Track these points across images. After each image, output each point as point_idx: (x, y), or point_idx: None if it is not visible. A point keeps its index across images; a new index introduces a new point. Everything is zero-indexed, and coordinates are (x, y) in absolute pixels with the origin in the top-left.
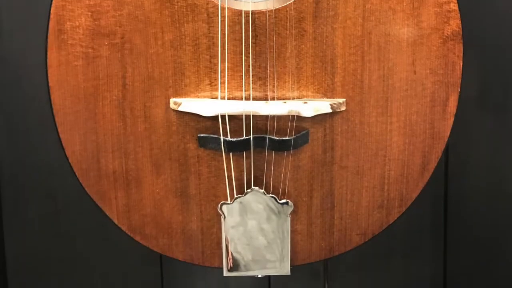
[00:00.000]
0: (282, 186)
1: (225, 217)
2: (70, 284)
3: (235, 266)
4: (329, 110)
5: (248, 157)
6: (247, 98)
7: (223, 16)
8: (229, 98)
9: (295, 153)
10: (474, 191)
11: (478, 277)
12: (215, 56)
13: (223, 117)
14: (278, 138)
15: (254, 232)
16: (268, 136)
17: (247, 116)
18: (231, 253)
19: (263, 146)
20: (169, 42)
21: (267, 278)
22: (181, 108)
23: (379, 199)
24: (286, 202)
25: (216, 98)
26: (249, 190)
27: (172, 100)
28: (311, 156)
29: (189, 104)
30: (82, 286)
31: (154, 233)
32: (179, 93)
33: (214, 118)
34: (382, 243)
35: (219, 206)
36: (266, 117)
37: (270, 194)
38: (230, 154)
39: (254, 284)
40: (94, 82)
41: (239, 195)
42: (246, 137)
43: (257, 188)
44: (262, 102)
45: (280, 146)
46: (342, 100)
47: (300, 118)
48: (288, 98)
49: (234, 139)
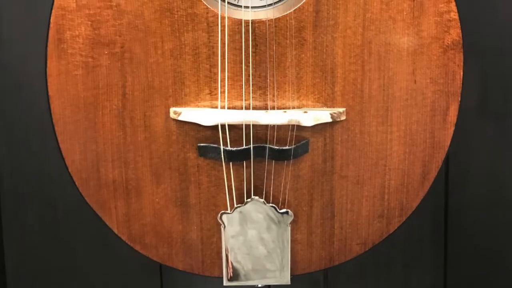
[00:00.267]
0: (282, 196)
1: (225, 226)
2: None
3: (235, 275)
4: (329, 119)
5: (248, 166)
6: (247, 108)
7: (223, 25)
8: (229, 108)
9: (295, 162)
10: (475, 201)
11: (478, 286)
12: (215, 65)
13: (223, 126)
14: (278, 147)
15: (254, 241)
16: (268, 145)
17: (247, 125)
18: (231, 262)
19: (263, 156)
20: (169, 52)
21: None
22: (181, 117)
23: (379, 209)
24: (286, 212)
25: (216, 107)
26: (249, 200)
27: (172, 109)
28: (311, 165)
29: (189, 113)
30: None
31: (154, 242)
32: (179, 102)
33: (214, 127)
34: (382, 253)
35: (219, 215)
36: (266, 126)
37: (270, 204)
38: (230, 163)
39: None
40: (94, 92)
41: (239, 205)
42: (246, 146)
43: (257, 197)
44: (262, 112)
45: (280, 156)
46: (342, 109)
47: (300, 128)
48: (288, 108)
49: (234, 149)
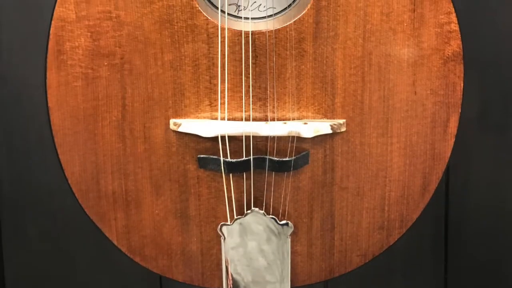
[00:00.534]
0: (282, 207)
1: (225, 238)
2: None
3: (235, 287)
4: (329, 131)
5: (248, 178)
6: (247, 119)
7: (223, 36)
8: (229, 119)
9: (295, 174)
10: (475, 212)
11: None
12: (215, 76)
13: (223, 138)
14: (278, 159)
15: (254, 253)
16: (268, 157)
17: (247, 137)
18: (231, 274)
19: (263, 167)
20: (168, 63)
21: None
22: (181, 129)
23: (380, 220)
24: (286, 223)
25: (216, 118)
26: (249, 211)
27: (172, 121)
28: (311, 177)
29: (189, 125)
30: None
31: (154, 254)
32: (179, 113)
33: (214, 139)
34: (382, 264)
35: (219, 227)
36: (266, 138)
37: (270, 215)
38: (230, 175)
39: None
40: (93, 103)
41: (239, 216)
42: (246, 158)
43: (257, 209)
44: (262, 123)
45: (280, 167)
46: (342, 121)
47: (300, 139)
48: (288, 119)
49: (234, 160)
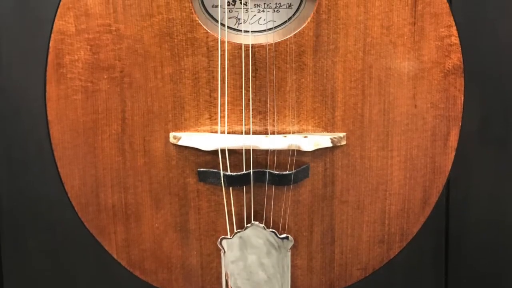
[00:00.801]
0: (282, 221)
1: (225, 251)
2: None
3: None
4: (329, 144)
5: (248, 191)
6: (247, 132)
7: (223, 50)
8: (229, 132)
9: (295, 187)
10: (476, 226)
11: None
12: (215, 90)
13: (223, 151)
14: (278, 172)
15: (254, 267)
16: (268, 170)
17: (247, 150)
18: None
19: (263, 181)
20: (168, 76)
21: None
22: (180, 142)
23: (380, 234)
24: (286, 237)
25: (216, 132)
26: (249, 225)
27: (171, 134)
28: (312, 190)
29: (188, 138)
30: None
31: (154, 268)
32: (179, 127)
33: (214, 152)
34: (383, 278)
35: (219, 240)
36: (266, 151)
37: (270, 229)
38: (230, 188)
39: None
40: (93, 116)
41: (239, 230)
42: (246, 171)
43: (257, 222)
44: (262, 136)
45: (280, 181)
46: (342, 134)
47: (300, 152)
48: (288, 132)
49: (234, 174)
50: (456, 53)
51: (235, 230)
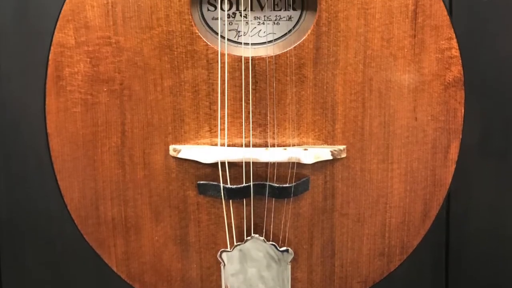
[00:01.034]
0: (282, 234)
1: (225, 264)
2: None
3: None
4: (329, 157)
5: (248, 204)
6: (247, 145)
7: (223, 62)
8: (229, 145)
9: (296, 200)
10: (476, 238)
11: None
12: (215, 102)
13: (223, 164)
14: (278, 185)
15: (254, 280)
16: (268, 183)
17: (247, 163)
18: None
19: (263, 193)
20: (168, 89)
21: None
22: (180, 155)
23: (380, 247)
24: (286, 250)
25: (216, 145)
26: (249, 238)
27: (171, 147)
28: (312, 203)
29: (188, 151)
30: None
31: (154, 280)
32: (179, 139)
33: (214, 165)
34: None
35: (219, 253)
36: (266, 164)
37: (270, 242)
38: (230, 201)
39: None
40: (93, 129)
41: (239, 243)
42: (246, 184)
43: (257, 235)
44: (262, 149)
45: (280, 193)
46: (342, 147)
47: (300, 165)
48: (288, 145)
49: (234, 186)
50: (456, 65)
51: (235, 243)
